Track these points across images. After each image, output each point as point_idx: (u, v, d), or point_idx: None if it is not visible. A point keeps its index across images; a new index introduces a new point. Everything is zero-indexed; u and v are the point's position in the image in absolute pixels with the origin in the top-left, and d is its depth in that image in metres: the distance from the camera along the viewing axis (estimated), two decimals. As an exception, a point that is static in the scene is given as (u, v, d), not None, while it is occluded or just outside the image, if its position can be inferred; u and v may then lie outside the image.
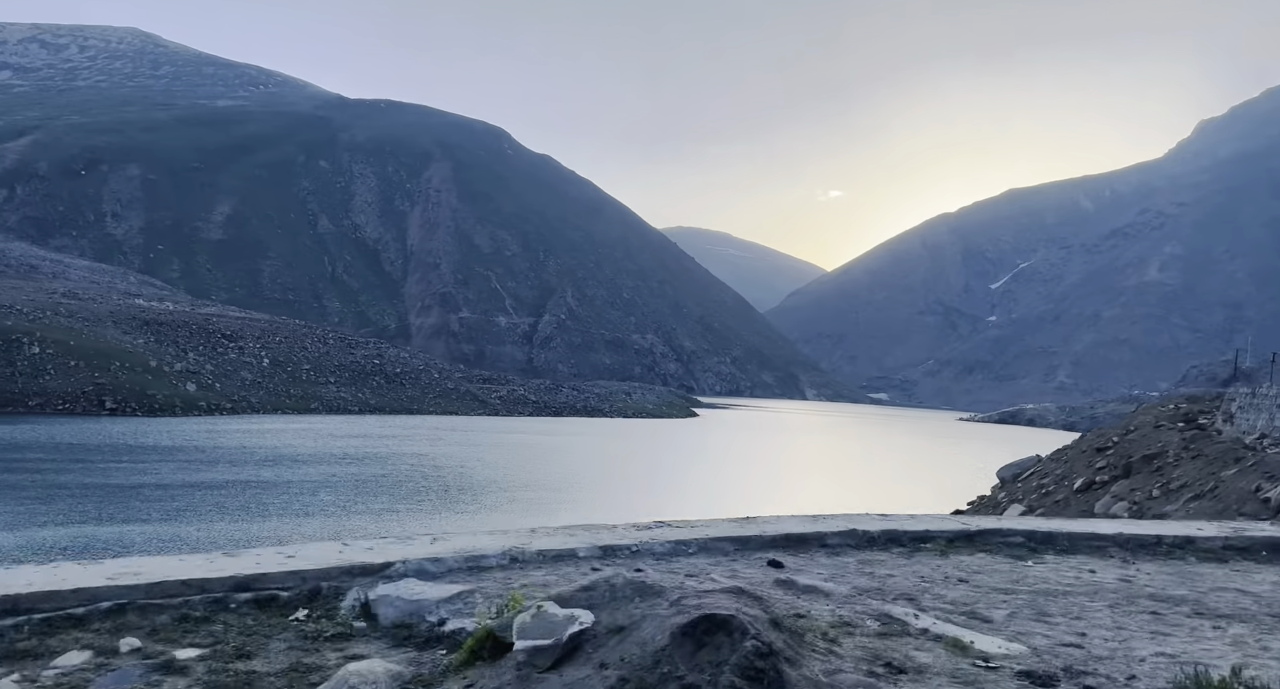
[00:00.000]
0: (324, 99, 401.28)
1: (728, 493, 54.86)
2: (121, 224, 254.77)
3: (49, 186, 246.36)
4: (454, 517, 41.65)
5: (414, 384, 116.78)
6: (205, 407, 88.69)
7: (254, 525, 35.43)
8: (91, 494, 39.61)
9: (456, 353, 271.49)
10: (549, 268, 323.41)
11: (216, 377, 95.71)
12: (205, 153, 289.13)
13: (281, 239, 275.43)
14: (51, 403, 77.81)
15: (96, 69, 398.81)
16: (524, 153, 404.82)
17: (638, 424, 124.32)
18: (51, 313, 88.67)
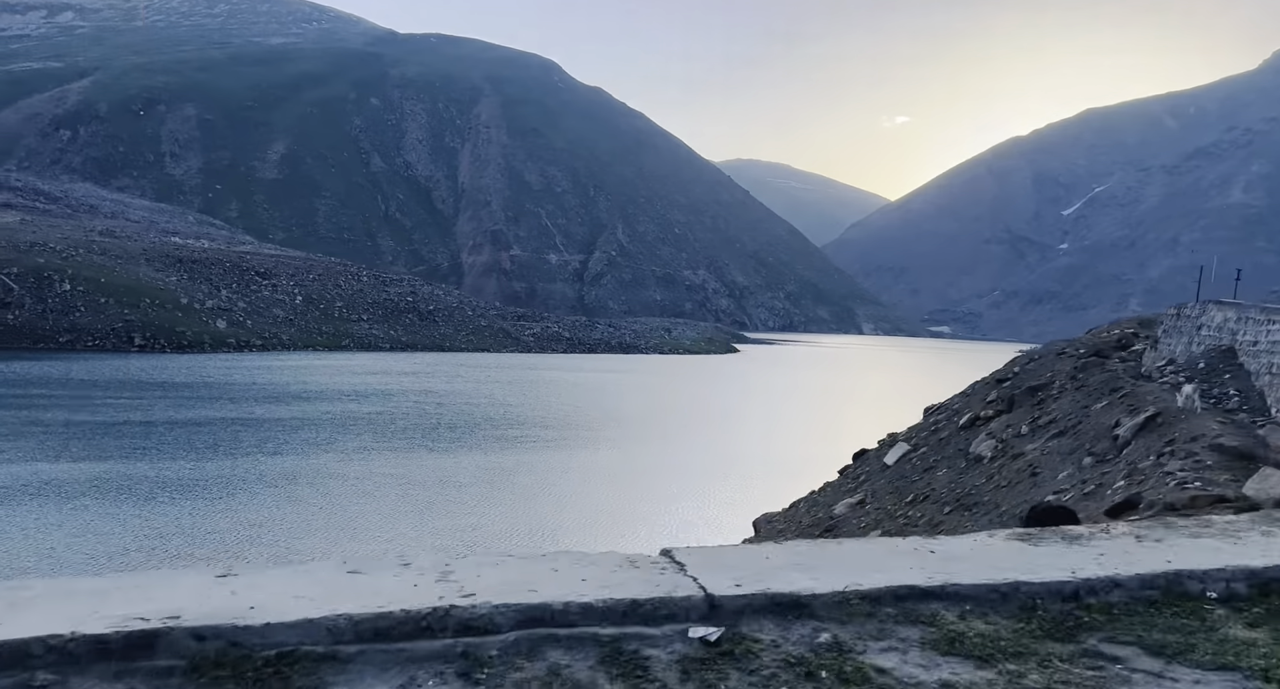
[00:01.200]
0: (375, 34, 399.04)
1: (701, 427, 53.32)
2: (180, 164, 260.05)
3: (110, 127, 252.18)
4: (423, 455, 41.13)
5: (447, 321, 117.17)
6: (234, 343, 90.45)
7: (212, 465, 35.34)
8: (73, 431, 40.21)
9: (508, 291, 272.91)
10: (599, 204, 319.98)
11: (248, 314, 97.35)
12: (259, 91, 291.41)
13: (335, 178, 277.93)
14: (82, 339, 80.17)
15: (154, 9, 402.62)
16: (574, 86, 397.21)
17: (669, 360, 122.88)
18: (85, 250, 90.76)
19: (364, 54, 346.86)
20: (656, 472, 39.18)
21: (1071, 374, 15.19)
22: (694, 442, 49.56)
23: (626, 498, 33.04)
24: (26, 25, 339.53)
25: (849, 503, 17.36)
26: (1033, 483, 13.32)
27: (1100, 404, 14.10)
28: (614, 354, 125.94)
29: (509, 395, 68.98)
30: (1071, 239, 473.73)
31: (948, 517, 13.85)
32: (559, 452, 44.74)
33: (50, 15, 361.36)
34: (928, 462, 17.34)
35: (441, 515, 28.87)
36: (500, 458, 41.70)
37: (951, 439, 17.76)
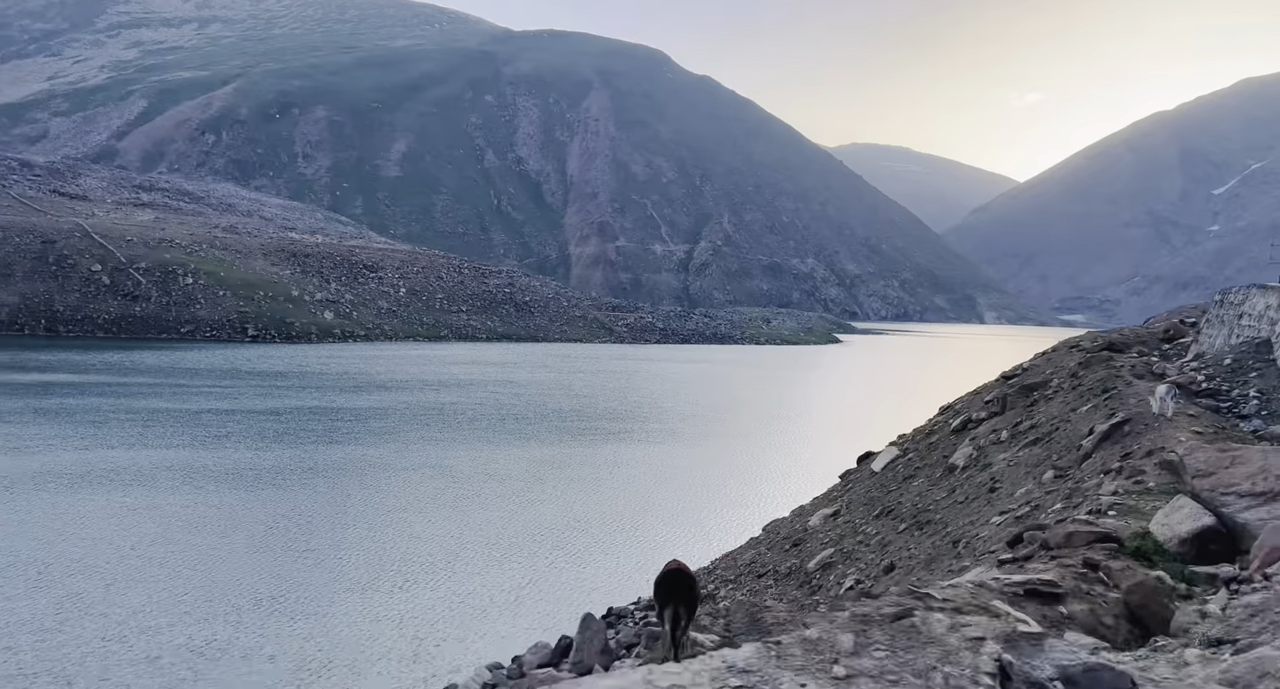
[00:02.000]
0: (491, 33, 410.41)
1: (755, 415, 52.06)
2: (311, 164, 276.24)
3: (249, 131, 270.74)
4: (480, 448, 42.28)
5: (542, 312, 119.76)
6: (340, 334, 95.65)
7: (269, 454, 37.59)
8: (153, 418, 43.70)
9: (613, 281, 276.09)
10: (705, 193, 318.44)
11: (355, 305, 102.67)
12: (384, 92, 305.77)
13: (451, 174, 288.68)
14: (200, 330, 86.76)
15: (292, 17, 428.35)
16: (683, 76, 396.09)
17: (763, 351, 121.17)
18: (208, 246, 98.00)
19: (480, 53, 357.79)
20: (696, 470, 38.84)
21: (1071, 372, 13.86)
22: (744, 436, 48.77)
23: (656, 497, 32.92)
24: (180, 38, 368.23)
25: (824, 514, 16.63)
26: (988, 500, 12.32)
27: (1085, 407, 12.90)
28: (707, 344, 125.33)
29: (586, 386, 69.88)
30: (1223, 220, 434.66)
31: (899, 536, 12.99)
32: (610, 446, 45.00)
33: (201, 27, 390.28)
34: (910, 469, 16.38)
35: (467, 512, 29.65)
36: (553, 451, 42.35)
37: (940, 444, 16.69)
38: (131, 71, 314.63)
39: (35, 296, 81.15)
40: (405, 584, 21.69)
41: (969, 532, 10.23)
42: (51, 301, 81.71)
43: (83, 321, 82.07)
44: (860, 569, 11.49)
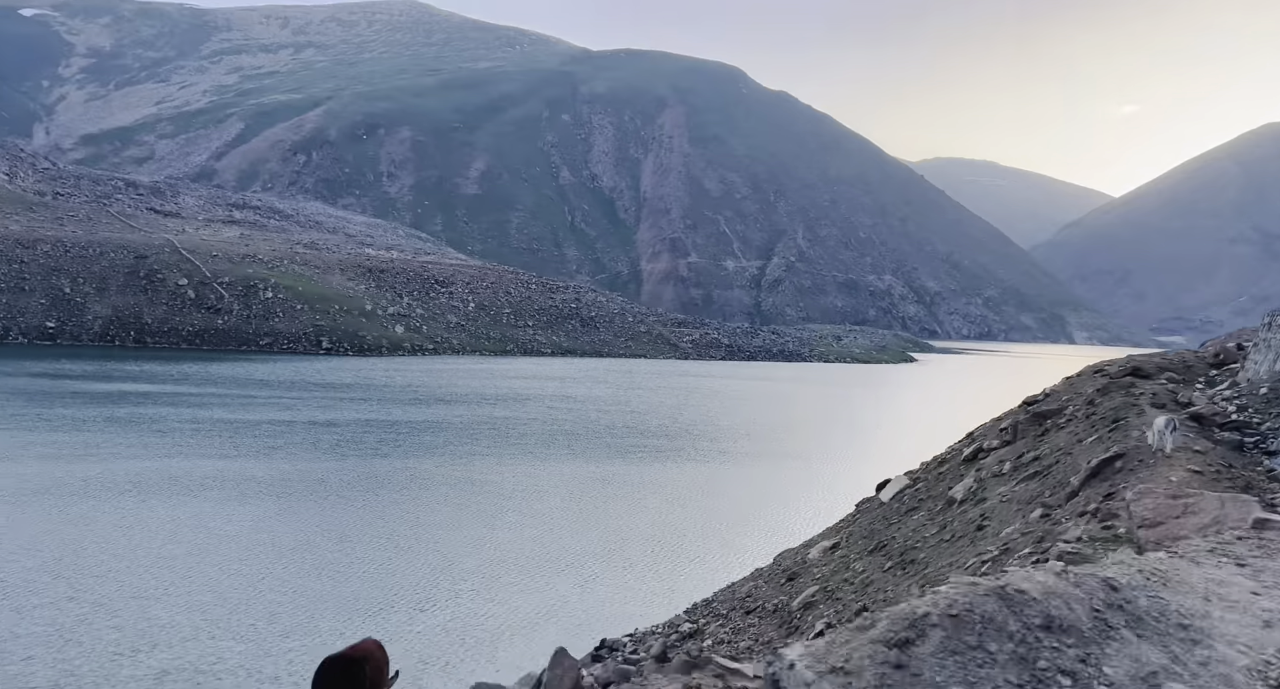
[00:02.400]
0: (570, 54, 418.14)
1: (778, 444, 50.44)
2: (395, 183, 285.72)
3: (337, 151, 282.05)
4: (525, 463, 42.32)
5: (607, 327, 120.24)
6: (409, 347, 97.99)
7: (316, 465, 38.40)
8: (217, 428, 45.30)
9: (684, 297, 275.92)
10: (779, 209, 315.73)
11: (425, 319, 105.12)
12: (465, 113, 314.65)
13: (527, 191, 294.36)
14: (278, 343, 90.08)
15: (380, 41, 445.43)
16: (759, 91, 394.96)
17: (831, 369, 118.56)
18: (288, 261, 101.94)
19: (558, 73, 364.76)
20: (738, 491, 37.91)
21: (1088, 400, 12.77)
22: (796, 456, 47.45)
23: (692, 519, 32.20)
24: (276, 63, 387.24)
25: (824, 546, 15.74)
26: (973, 539, 11.37)
27: (1091, 439, 11.83)
28: (774, 362, 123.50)
29: (642, 402, 69.53)
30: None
31: (883, 575, 12.12)
32: (656, 464, 44.44)
33: (296, 52, 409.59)
34: (915, 501, 15.37)
35: (499, 530, 29.54)
36: (598, 468, 42.06)
37: (949, 474, 15.62)
38: (231, 95, 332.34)
39: (126, 309, 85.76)
40: (421, 605, 21.60)
41: (942, 575, 9.37)
42: (140, 314, 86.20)
43: (168, 334, 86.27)
44: (836, 611, 10.69)
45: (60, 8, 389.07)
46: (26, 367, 62.26)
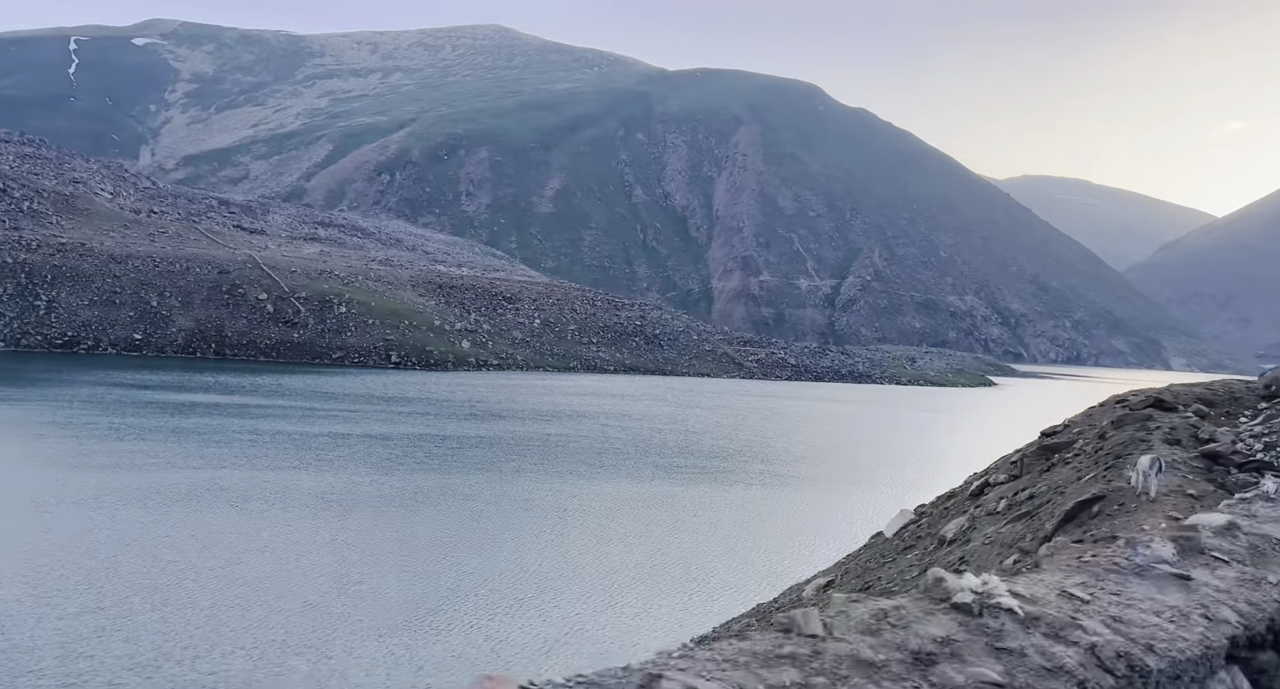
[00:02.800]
0: (646, 73, 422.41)
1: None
2: (473, 202, 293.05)
3: (419, 171, 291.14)
4: (568, 481, 42.02)
5: (671, 345, 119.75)
6: (475, 362, 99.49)
7: (361, 479, 38.92)
8: (272, 440, 46.52)
9: (755, 316, 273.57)
10: (855, 227, 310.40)
11: (491, 335, 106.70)
12: (541, 134, 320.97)
13: (600, 210, 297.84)
14: (350, 356, 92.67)
15: (464, 65, 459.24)
16: (836, 109, 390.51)
17: (902, 392, 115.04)
18: (362, 277, 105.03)
19: (634, 93, 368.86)
20: (779, 517, 36.66)
21: (1100, 433, 11.63)
22: (851, 482, 45.73)
23: (724, 545, 31.22)
24: (365, 87, 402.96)
25: (819, 584, 14.80)
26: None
27: (1089, 477, 10.72)
28: (842, 383, 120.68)
29: (699, 422, 68.62)
30: None
31: None
32: (703, 486, 43.50)
33: (384, 77, 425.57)
34: (913, 538, 14.29)
35: (532, 549, 29.22)
36: (643, 488, 41.43)
37: (953, 509, 14.44)
38: (322, 118, 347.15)
39: (208, 322, 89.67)
40: (443, 627, 21.36)
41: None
42: (222, 327, 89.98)
43: (247, 346, 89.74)
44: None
45: (169, 36, 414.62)
46: (109, 376, 65.51)
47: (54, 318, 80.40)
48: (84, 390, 57.54)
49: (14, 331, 76.80)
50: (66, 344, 79.42)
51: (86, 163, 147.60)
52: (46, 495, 29.96)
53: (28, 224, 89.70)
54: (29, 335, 77.50)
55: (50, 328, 79.39)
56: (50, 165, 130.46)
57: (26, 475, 33.44)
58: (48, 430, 43.52)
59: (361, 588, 23.36)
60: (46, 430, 43.49)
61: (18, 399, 52.78)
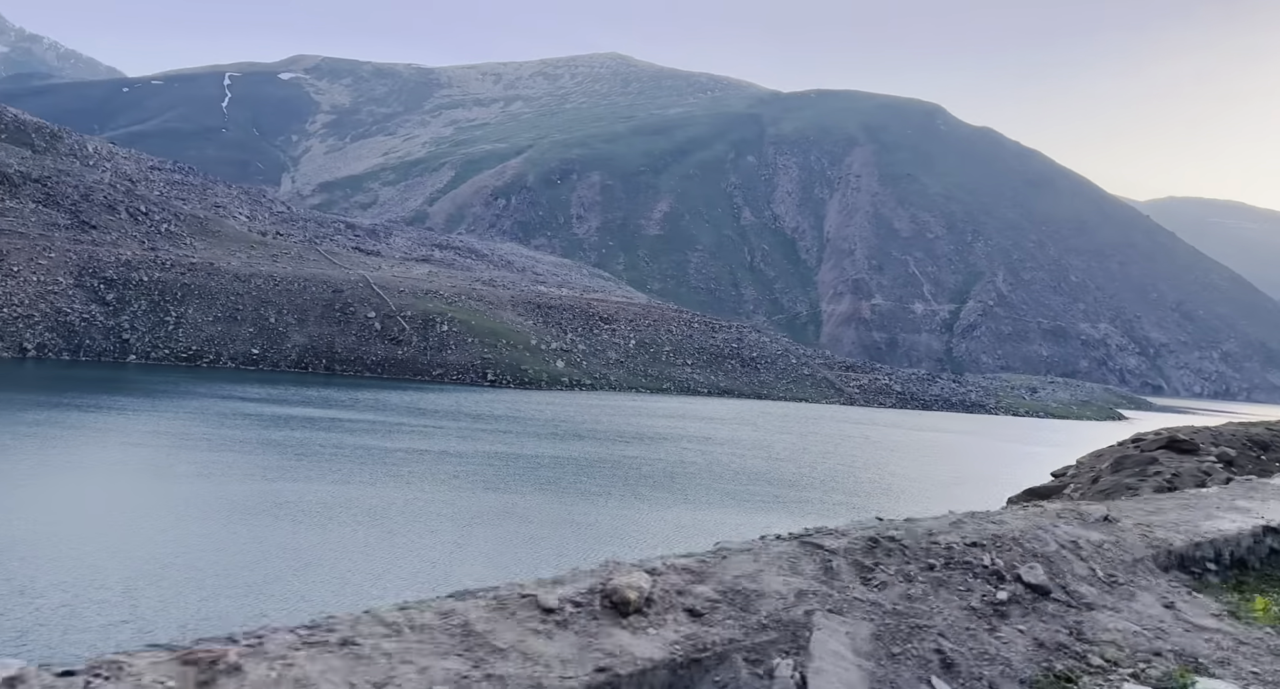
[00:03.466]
0: (758, 96, 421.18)
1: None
2: (583, 225, 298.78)
3: (533, 195, 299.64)
4: (627, 502, 41.20)
5: (768, 368, 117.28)
6: (568, 382, 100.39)
7: (425, 497, 39.35)
8: (353, 455, 47.90)
9: (866, 340, 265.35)
10: (977, 250, 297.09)
11: (586, 355, 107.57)
12: (651, 157, 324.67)
13: (708, 232, 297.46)
14: (449, 374, 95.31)
15: (581, 92, 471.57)
16: (958, 128, 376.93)
17: (1017, 424, 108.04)
18: (465, 297, 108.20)
19: (746, 116, 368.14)
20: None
21: (1094, 477, 10.04)
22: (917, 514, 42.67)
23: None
24: (488, 115, 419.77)
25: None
26: None
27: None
28: (951, 412, 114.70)
29: (785, 448, 66.39)
30: None
31: None
32: (771, 516, 41.60)
33: (505, 105, 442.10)
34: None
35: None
36: (706, 516, 40.07)
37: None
38: (446, 146, 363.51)
39: (320, 339, 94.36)
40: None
41: None
42: (332, 344, 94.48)
43: (354, 362, 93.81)
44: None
45: (311, 71, 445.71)
46: (220, 388, 69.69)
47: (181, 333, 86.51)
48: (193, 402, 61.33)
49: (145, 345, 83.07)
50: (190, 358, 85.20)
51: (228, 188, 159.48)
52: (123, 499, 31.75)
53: (164, 245, 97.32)
54: (158, 349, 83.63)
55: (177, 342, 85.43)
56: (195, 191, 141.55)
57: (112, 482, 35.64)
58: (145, 439, 46.43)
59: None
60: (144, 439, 46.40)
61: (129, 409, 56.70)
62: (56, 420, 48.36)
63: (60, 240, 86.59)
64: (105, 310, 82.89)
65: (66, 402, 56.15)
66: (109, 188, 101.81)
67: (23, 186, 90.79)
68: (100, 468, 38.09)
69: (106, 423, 49.77)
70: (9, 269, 78.49)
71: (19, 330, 75.13)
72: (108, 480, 35.72)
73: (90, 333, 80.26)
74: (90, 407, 54.87)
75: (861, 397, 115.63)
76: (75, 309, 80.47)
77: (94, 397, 59.41)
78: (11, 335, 74.46)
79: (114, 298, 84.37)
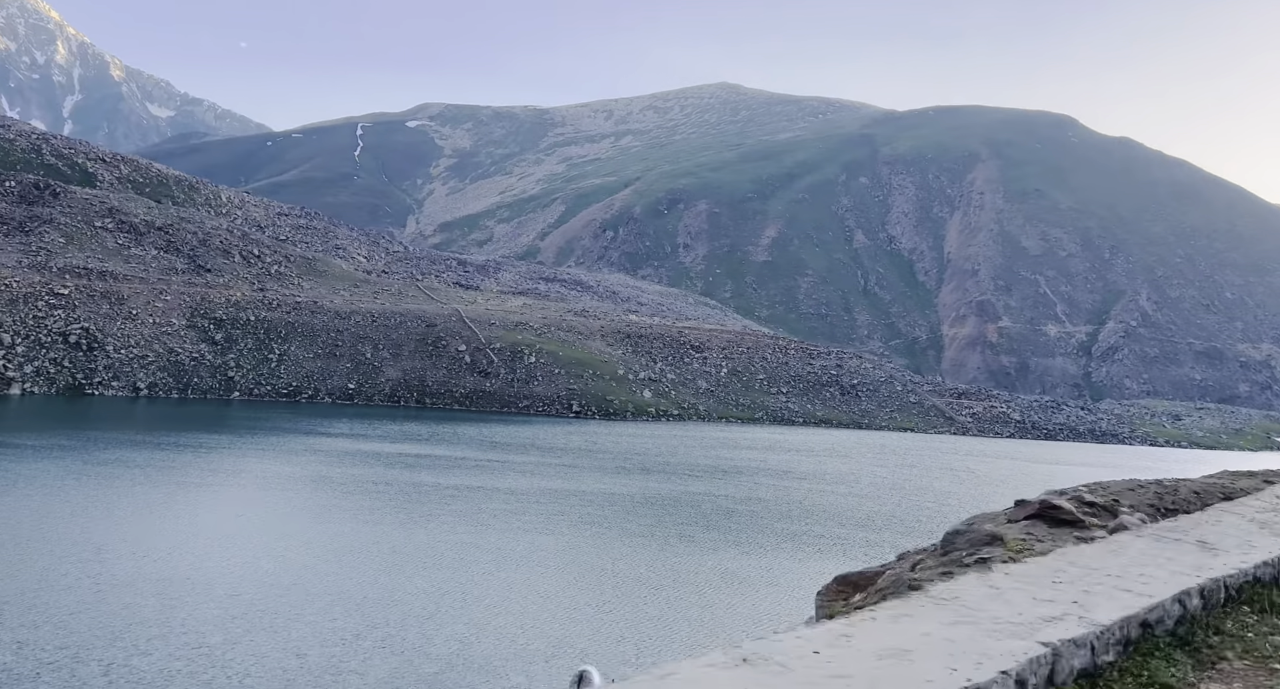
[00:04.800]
0: (872, 116, 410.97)
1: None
2: (690, 253, 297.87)
3: (640, 226, 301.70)
4: (675, 549, 38.32)
5: (870, 396, 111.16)
6: (654, 412, 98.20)
7: (463, 538, 37.92)
8: (408, 492, 47.30)
9: (993, 365, 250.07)
10: (1116, 267, 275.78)
11: (675, 385, 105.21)
12: (759, 183, 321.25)
13: (818, 257, 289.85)
14: (535, 405, 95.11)
15: (691, 123, 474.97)
16: (1092, 139, 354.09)
17: (1156, 454, 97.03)
18: (555, 328, 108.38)
19: (858, 137, 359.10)
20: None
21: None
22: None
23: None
24: (599, 151, 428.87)
25: None
26: None
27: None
28: (1080, 443, 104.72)
29: (873, 482, 61.48)
30: None
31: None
32: (835, 562, 37.74)
33: (616, 140, 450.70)
34: None
35: (599, 626, 26.20)
36: (760, 562, 36.75)
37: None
38: (559, 182, 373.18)
39: (413, 372, 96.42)
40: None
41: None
42: (424, 377, 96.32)
43: (444, 395, 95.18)
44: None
45: (436, 118, 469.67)
46: (309, 423, 71.63)
47: (283, 370, 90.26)
48: (273, 438, 63.04)
49: (249, 382, 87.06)
50: (290, 394, 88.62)
51: (349, 231, 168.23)
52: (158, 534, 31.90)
53: (273, 286, 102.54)
54: (260, 386, 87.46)
55: (279, 379, 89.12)
56: (319, 234, 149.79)
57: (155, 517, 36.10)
58: (206, 478, 47.51)
59: (398, 645, 21.68)
60: (206, 478, 47.50)
61: (212, 446, 58.72)
62: (210, 459, 50.31)
63: (176, 283, 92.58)
64: (214, 349, 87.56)
65: (221, 443, 58.68)
66: (225, 233, 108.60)
67: (147, 234, 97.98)
68: (279, 508, 38.74)
69: (246, 463, 51.50)
70: (128, 312, 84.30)
71: (133, 371, 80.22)
72: (332, 524, 36.19)
73: (198, 371, 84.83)
74: (236, 446, 57.15)
75: (975, 426, 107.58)
76: (186, 349, 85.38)
77: (241, 435, 62.11)
78: (126, 375, 79.56)
79: (222, 337, 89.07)
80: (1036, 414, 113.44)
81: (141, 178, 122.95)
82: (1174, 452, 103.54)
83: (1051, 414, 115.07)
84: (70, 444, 51.83)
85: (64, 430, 58.22)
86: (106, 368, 78.75)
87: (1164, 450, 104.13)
